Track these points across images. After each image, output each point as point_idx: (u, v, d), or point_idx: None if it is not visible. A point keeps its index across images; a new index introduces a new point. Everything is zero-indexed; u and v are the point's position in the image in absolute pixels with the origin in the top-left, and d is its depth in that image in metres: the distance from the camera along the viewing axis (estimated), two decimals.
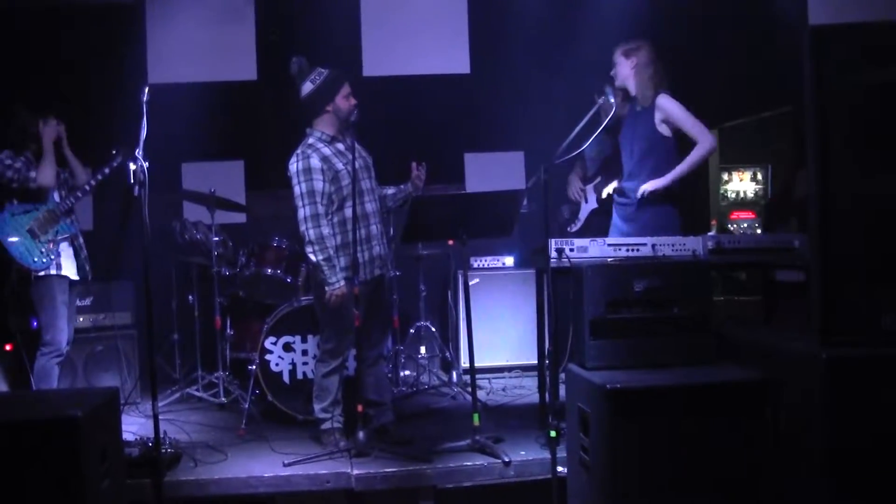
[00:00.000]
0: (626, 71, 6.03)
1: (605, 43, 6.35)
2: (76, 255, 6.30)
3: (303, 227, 5.47)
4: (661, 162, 5.97)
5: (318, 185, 5.48)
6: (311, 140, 5.64)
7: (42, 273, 6.01)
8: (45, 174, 6.08)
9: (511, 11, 7.75)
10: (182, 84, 7.34)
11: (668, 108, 5.89)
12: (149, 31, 7.41)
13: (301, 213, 5.49)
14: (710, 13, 7.86)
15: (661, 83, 5.97)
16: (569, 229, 7.06)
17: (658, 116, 5.96)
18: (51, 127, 6.18)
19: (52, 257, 6.05)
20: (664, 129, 5.97)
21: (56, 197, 6.23)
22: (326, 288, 5.46)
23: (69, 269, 6.19)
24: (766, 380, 4.25)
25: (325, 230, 5.49)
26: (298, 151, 5.57)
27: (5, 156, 6.04)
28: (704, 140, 5.83)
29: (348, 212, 5.52)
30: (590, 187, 7.07)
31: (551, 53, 7.87)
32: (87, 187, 6.30)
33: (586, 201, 7.07)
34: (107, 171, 6.29)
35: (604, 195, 6.57)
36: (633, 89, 6.07)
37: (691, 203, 8.42)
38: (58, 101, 6.59)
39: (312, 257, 5.47)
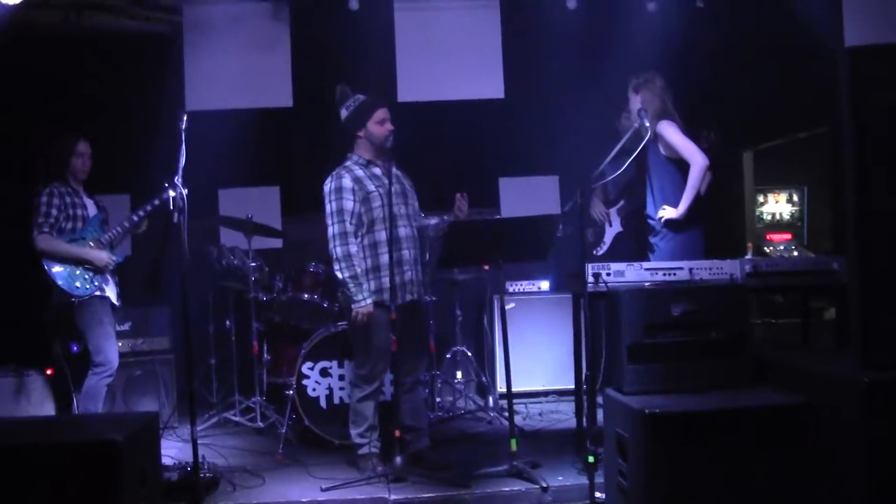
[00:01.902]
0: (637, 105, 6.05)
1: (640, 66, 6.37)
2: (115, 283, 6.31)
3: (331, 245, 5.56)
4: (672, 188, 6.06)
5: (348, 204, 5.56)
6: (347, 163, 5.72)
7: (86, 297, 6.01)
8: (50, 245, 6.00)
9: (545, 36, 7.77)
10: (219, 111, 7.39)
11: (665, 133, 5.99)
12: (186, 60, 7.47)
13: (330, 231, 5.58)
14: (745, 35, 7.85)
15: (664, 112, 6.00)
16: (595, 252, 7.06)
17: (661, 144, 6.03)
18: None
19: (96, 283, 6.05)
20: (667, 156, 6.03)
21: (100, 228, 6.24)
22: (353, 306, 5.51)
23: (111, 293, 6.20)
24: (804, 403, 4.22)
25: (353, 248, 5.55)
26: (333, 173, 5.67)
27: (45, 198, 6.05)
28: (695, 161, 5.92)
29: (379, 235, 5.58)
30: (613, 211, 7.09)
31: (585, 77, 7.87)
32: (136, 218, 6.26)
33: (610, 225, 7.08)
34: (141, 212, 6.26)
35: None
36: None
37: (727, 226, 8.41)
38: (96, 127, 6.63)
39: (339, 275, 5.54)
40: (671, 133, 5.95)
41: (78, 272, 6.01)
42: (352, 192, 5.57)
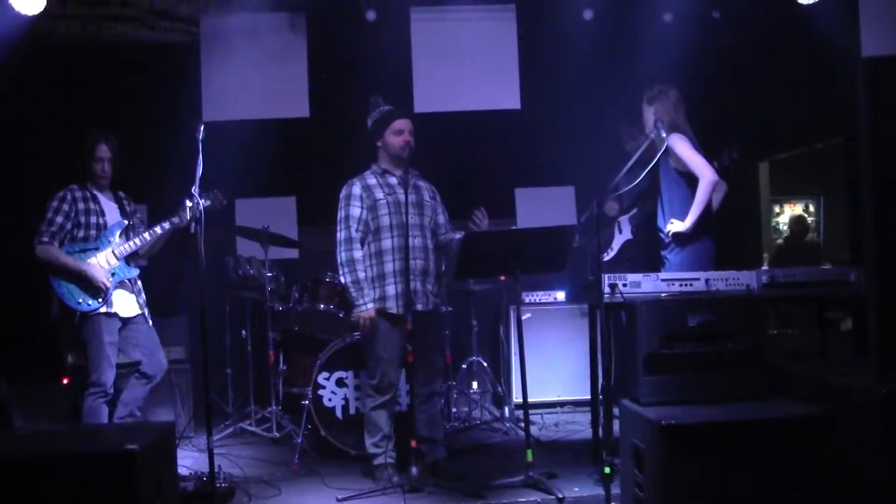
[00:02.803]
0: (650, 117, 6.05)
1: (656, 77, 6.37)
2: (134, 295, 6.13)
3: (337, 251, 5.66)
4: (681, 202, 6.04)
5: (355, 211, 5.65)
6: (365, 172, 5.79)
7: (89, 313, 5.83)
8: (51, 256, 5.82)
9: (561, 47, 7.79)
10: (236, 121, 7.44)
11: (675, 147, 5.96)
12: (203, 70, 7.53)
13: (337, 237, 5.68)
14: (761, 45, 7.85)
15: (675, 126, 5.99)
16: (602, 258, 7.04)
17: (671, 157, 6.02)
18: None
19: (100, 299, 5.84)
20: (677, 169, 6.02)
21: (117, 238, 6.04)
22: (353, 311, 5.60)
23: (121, 307, 5.99)
24: (821, 414, 4.20)
25: (357, 254, 5.62)
26: (349, 181, 5.73)
27: (54, 202, 5.91)
28: (703, 175, 5.89)
29: (385, 244, 5.63)
30: (625, 218, 7.07)
31: (602, 88, 7.88)
32: (160, 230, 6.05)
33: (620, 231, 7.07)
34: (176, 220, 6.07)
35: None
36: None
37: (743, 236, 8.39)
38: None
39: (342, 279, 5.66)
40: (681, 146, 5.94)
41: (80, 286, 5.82)
42: (359, 200, 5.66)
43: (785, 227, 8.75)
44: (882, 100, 4.02)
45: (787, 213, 8.80)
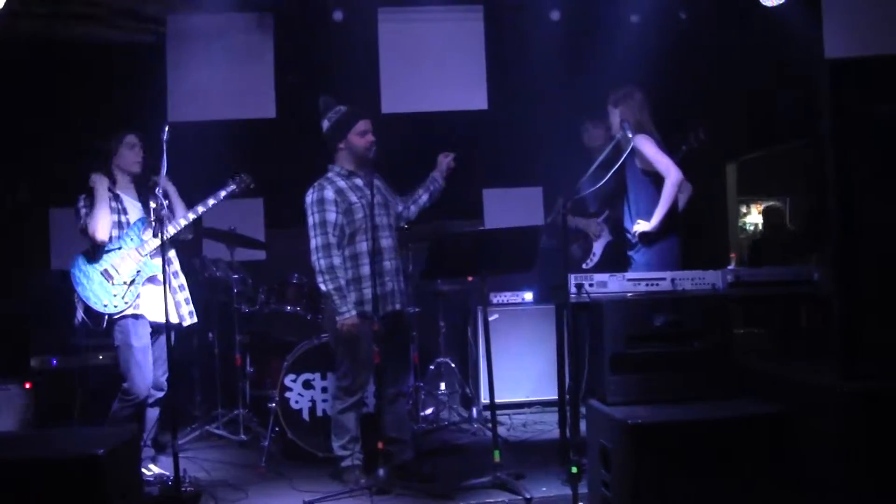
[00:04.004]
0: (616, 118, 6.07)
1: (624, 78, 6.40)
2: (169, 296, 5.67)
3: (314, 258, 5.55)
4: (647, 202, 6.06)
5: (331, 216, 5.56)
6: (329, 174, 5.72)
7: (116, 316, 5.59)
8: (97, 224, 5.58)
9: (529, 48, 7.79)
10: (202, 122, 7.38)
11: (641, 147, 5.99)
12: (169, 70, 7.46)
13: (313, 244, 5.56)
14: (728, 47, 7.89)
15: (641, 127, 6.00)
16: (584, 266, 7.06)
17: (637, 158, 6.04)
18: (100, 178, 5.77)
19: (130, 300, 5.60)
20: (643, 169, 6.05)
21: (142, 235, 5.79)
22: (337, 318, 5.50)
23: (149, 310, 5.71)
24: (786, 413, 4.24)
25: (336, 260, 5.55)
26: (315, 184, 5.66)
27: (82, 203, 5.66)
28: (669, 174, 5.92)
29: (360, 246, 5.60)
30: (601, 221, 7.08)
31: (569, 89, 7.90)
32: (184, 220, 5.82)
33: (598, 237, 7.08)
34: (212, 201, 5.97)
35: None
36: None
37: (710, 236, 8.43)
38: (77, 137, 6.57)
39: (323, 287, 5.54)
40: (647, 147, 5.96)
41: (106, 287, 5.57)
42: (334, 204, 5.57)
43: (750, 226, 8.78)
44: (844, 101, 4.07)
45: (753, 214, 8.83)
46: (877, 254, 4.06)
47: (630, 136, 5.77)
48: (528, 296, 7.97)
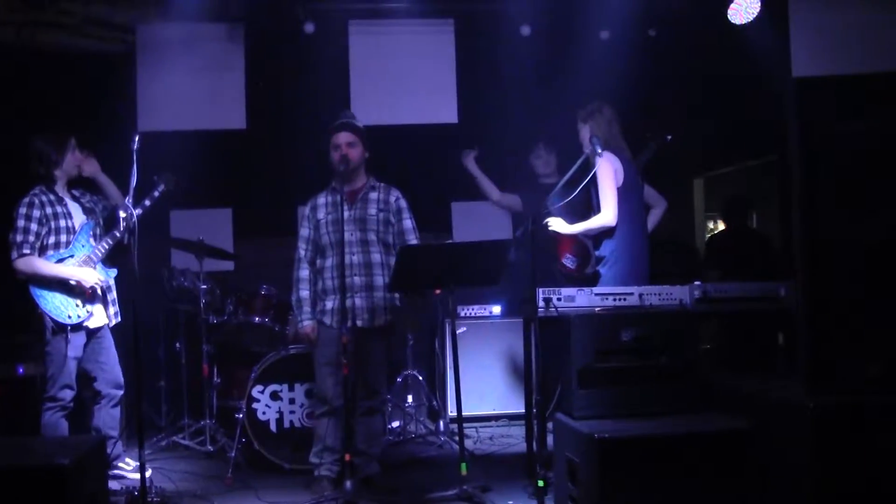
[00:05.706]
0: (586, 134, 6.08)
1: (593, 94, 6.42)
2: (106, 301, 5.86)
3: None
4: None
5: (304, 231, 5.85)
6: (325, 189, 5.89)
7: (77, 326, 5.58)
8: (33, 267, 5.50)
9: (499, 62, 7.84)
10: (172, 132, 7.36)
11: (599, 169, 5.91)
12: (140, 80, 7.45)
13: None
14: (696, 64, 7.97)
15: (608, 142, 6.00)
16: (586, 273, 6.99)
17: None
18: (87, 161, 5.86)
19: (88, 310, 5.64)
20: None
21: (91, 241, 5.77)
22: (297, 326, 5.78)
23: (97, 319, 5.76)
24: (751, 428, 4.27)
25: (303, 273, 5.81)
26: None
27: (23, 209, 5.57)
28: (604, 213, 5.88)
29: (328, 261, 5.74)
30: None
31: (538, 103, 7.93)
32: (125, 226, 5.47)
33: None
34: (147, 203, 5.82)
35: None
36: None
37: (677, 251, 8.48)
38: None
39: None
40: (603, 173, 5.88)
41: (68, 297, 5.56)
42: (307, 220, 5.83)
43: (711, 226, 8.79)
44: (811, 119, 4.11)
45: (721, 229, 8.87)
46: (842, 269, 4.10)
47: (599, 150, 5.79)
48: (497, 309, 7.96)
